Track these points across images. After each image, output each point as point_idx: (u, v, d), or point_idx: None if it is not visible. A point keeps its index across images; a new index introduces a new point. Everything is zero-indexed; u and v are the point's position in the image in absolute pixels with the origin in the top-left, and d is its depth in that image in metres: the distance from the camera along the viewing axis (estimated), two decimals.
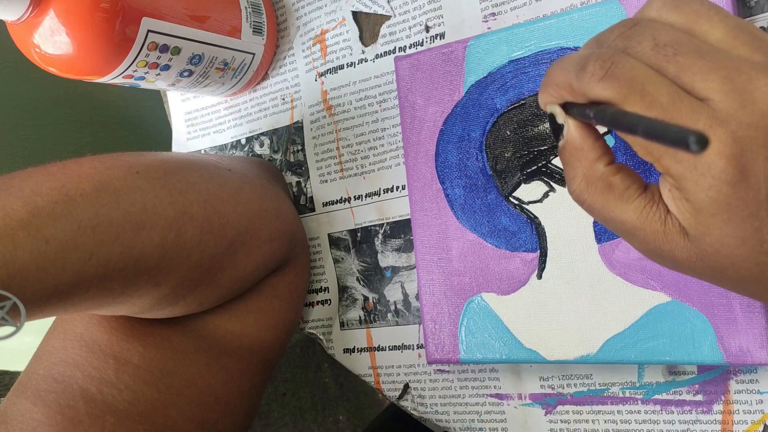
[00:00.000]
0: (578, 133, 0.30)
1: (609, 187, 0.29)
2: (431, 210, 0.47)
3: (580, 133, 0.30)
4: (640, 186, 0.29)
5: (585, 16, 0.42)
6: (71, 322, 0.43)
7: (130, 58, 0.46)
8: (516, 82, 0.44)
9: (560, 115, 0.30)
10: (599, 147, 0.30)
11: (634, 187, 0.29)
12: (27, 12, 0.41)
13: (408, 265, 0.51)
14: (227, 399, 0.45)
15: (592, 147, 0.30)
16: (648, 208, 0.29)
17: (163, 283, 0.39)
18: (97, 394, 0.40)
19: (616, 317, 0.41)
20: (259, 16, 0.54)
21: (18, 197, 0.33)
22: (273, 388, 0.98)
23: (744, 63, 0.26)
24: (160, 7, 0.46)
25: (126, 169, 0.38)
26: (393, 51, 0.52)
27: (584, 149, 0.30)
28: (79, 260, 0.33)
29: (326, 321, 0.56)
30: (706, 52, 0.26)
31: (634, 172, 0.30)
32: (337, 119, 0.54)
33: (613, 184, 0.29)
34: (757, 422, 0.40)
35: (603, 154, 0.30)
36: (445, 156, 0.47)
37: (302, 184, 0.57)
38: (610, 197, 0.29)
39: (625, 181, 0.29)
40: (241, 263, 0.44)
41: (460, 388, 0.50)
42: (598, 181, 0.30)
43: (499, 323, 0.45)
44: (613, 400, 0.44)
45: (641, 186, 0.29)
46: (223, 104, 0.61)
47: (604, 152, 0.30)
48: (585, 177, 0.30)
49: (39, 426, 0.39)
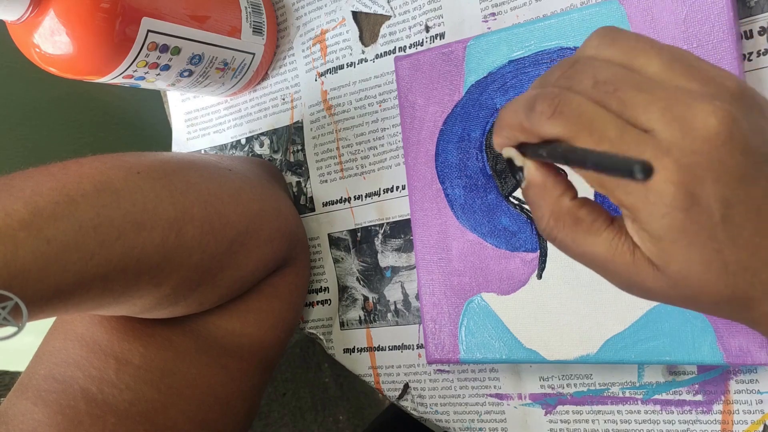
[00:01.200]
0: (538, 172, 0.30)
1: (577, 221, 0.30)
2: (431, 210, 0.47)
3: (540, 173, 0.30)
4: (606, 218, 0.30)
5: (585, 16, 0.42)
6: (72, 322, 0.43)
7: (130, 58, 0.46)
8: (516, 82, 0.44)
9: (518, 158, 0.31)
10: (561, 182, 0.30)
11: (600, 220, 0.30)
12: (27, 12, 0.41)
13: (408, 265, 0.51)
14: (227, 399, 0.45)
15: (554, 184, 0.30)
16: (616, 240, 0.29)
17: (163, 283, 0.39)
18: (98, 394, 0.40)
19: (616, 317, 0.41)
20: (259, 16, 0.54)
21: (19, 198, 0.33)
22: (273, 388, 0.98)
23: (681, 92, 0.26)
24: (160, 7, 0.46)
25: (127, 169, 0.38)
26: (393, 51, 0.52)
27: (547, 187, 0.30)
28: (80, 260, 0.33)
29: (326, 321, 0.56)
30: (645, 86, 0.27)
31: (599, 205, 0.30)
32: (337, 119, 0.54)
33: (580, 217, 0.30)
34: (757, 422, 0.40)
35: (566, 190, 0.30)
36: (445, 156, 0.47)
37: (302, 184, 0.57)
38: (579, 230, 0.30)
39: (591, 214, 0.30)
40: (242, 263, 0.44)
41: (460, 388, 0.50)
42: (566, 215, 0.30)
43: (499, 323, 0.45)
44: (613, 400, 0.44)
45: (607, 218, 0.30)
46: (223, 104, 0.61)
47: (567, 187, 0.30)
48: (552, 213, 0.30)
49: (39, 426, 0.39)
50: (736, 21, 0.39)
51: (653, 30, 0.40)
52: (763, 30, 0.40)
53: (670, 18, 0.39)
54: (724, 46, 0.38)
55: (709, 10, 0.38)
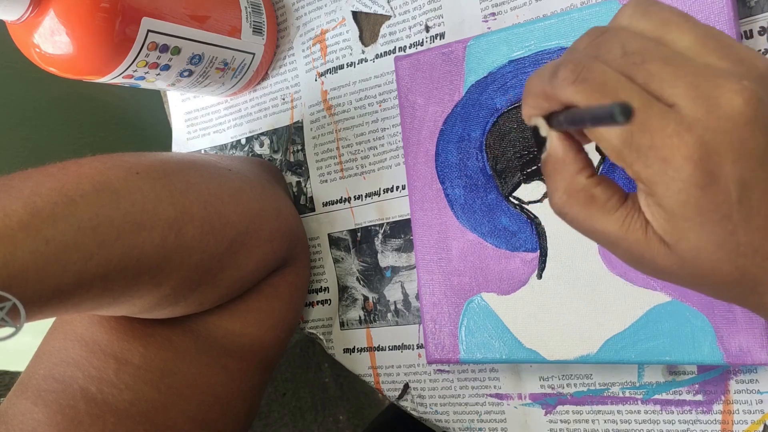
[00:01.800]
0: (561, 145, 0.30)
1: (591, 199, 0.30)
2: (431, 210, 0.47)
3: (562, 146, 0.30)
4: (621, 196, 0.30)
5: (585, 16, 0.42)
6: (71, 322, 0.43)
7: (130, 58, 0.46)
8: (516, 82, 0.44)
9: (543, 127, 0.30)
10: (581, 160, 0.30)
11: (615, 198, 0.29)
12: (27, 12, 0.41)
13: (408, 265, 0.51)
14: (228, 399, 0.45)
15: (574, 160, 0.30)
16: (630, 218, 0.29)
17: (163, 283, 0.39)
18: (98, 394, 0.40)
19: (616, 317, 0.41)
20: (259, 16, 0.54)
21: (18, 198, 0.33)
22: (273, 388, 0.98)
23: (710, 70, 0.26)
24: (160, 7, 0.46)
25: (126, 169, 0.38)
26: (393, 51, 0.52)
27: (566, 162, 0.30)
28: (79, 261, 0.33)
29: (326, 321, 0.56)
30: (673, 60, 0.27)
31: (615, 183, 0.30)
32: (337, 119, 0.54)
33: (594, 195, 0.30)
34: (757, 422, 0.40)
35: (584, 167, 0.30)
36: (445, 156, 0.47)
37: (302, 184, 0.57)
38: (593, 209, 0.30)
39: (606, 192, 0.30)
40: (242, 263, 0.44)
41: (460, 388, 0.50)
42: (580, 193, 0.30)
43: (499, 323, 0.45)
44: (613, 400, 0.44)
45: (622, 196, 0.30)
46: (223, 104, 0.61)
47: (586, 165, 0.30)
48: (566, 190, 0.30)
49: (39, 426, 0.39)
50: (736, 21, 0.39)
51: None
52: (763, 30, 0.40)
53: None
54: None
55: (709, 10, 0.38)
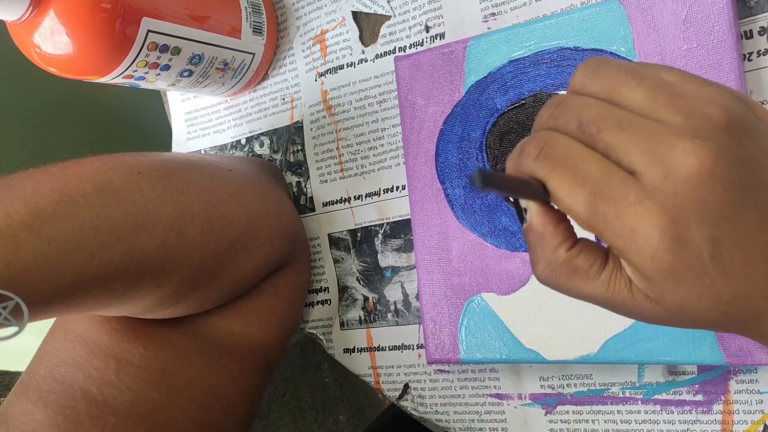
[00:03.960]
0: (539, 219, 0.30)
1: (573, 270, 0.29)
2: (431, 210, 0.47)
3: (541, 219, 0.30)
4: (603, 259, 0.29)
5: (585, 16, 0.42)
6: (72, 322, 0.43)
7: (130, 58, 0.46)
8: (516, 82, 0.44)
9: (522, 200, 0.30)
10: (560, 232, 0.30)
11: (597, 263, 0.29)
12: (27, 12, 0.41)
13: (408, 265, 0.51)
14: (228, 399, 0.45)
15: (553, 233, 0.30)
16: (613, 279, 0.29)
17: (164, 283, 0.39)
18: (98, 394, 0.40)
19: (616, 317, 0.41)
20: (259, 16, 0.54)
21: (19, 198, 0.33)
22: (273, 388, 0.98)
23: (662, 129, 0.26)
24: (160, 7, 0.46)
25: (127, 169, 0.38)
26: (393, 51, 0.52)
27: (545, 236, 0.30)
28: (80, 261, 0.33)
29: (326, 321, 0.56)
30: (627, 124, 0.26)
31: (596, 245, 0.30)
32: (337, 119, 0.54)
33: (576, 266, 0.29)
34: (757, 422, 0.40)
35: (564, 240, 0.30)
36: (446, 156, 0.47)
37: (302, 184, 0.57)
38: (576, 278, 0.29)
39: (588, 259, 0.29)
40: (242, 263, 0.44)
41: (460, 388, 0.50)
42: (562, 266, 0.30)
43: (499, 323, 0.45)
44: (613, 400, 0.44)
45: (604, 259, 0.29)
46: (223, 104, 0.61)
47: (566, 237, 0.30)
48: (548, 264, 0.30)
49: (40, 427, 0.39)
50: (736, 21, 0.39)
51: (653, 30, 0.40)
52: (763, 30, 0.40)
53: (670, 18, 0.39)
54: (724, 46, 0.38)
55: (709, 10, 0.38)
